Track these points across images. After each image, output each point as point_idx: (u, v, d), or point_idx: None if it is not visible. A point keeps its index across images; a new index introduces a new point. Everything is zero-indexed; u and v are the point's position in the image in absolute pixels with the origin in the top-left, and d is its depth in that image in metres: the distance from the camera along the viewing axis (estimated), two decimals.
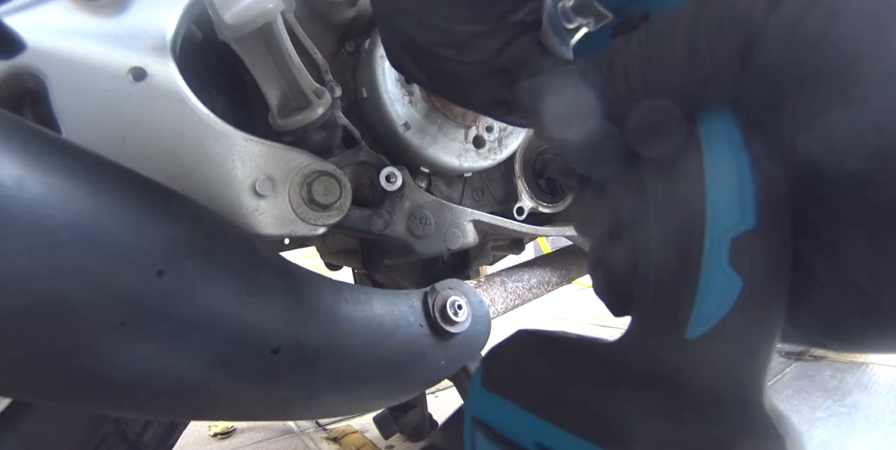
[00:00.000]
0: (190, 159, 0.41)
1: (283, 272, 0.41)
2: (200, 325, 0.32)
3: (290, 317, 0.39)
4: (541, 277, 0.76)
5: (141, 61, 0.40)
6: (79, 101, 0.38)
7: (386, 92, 0.56)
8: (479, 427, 0.30)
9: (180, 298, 0.32)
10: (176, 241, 0.33)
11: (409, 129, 0.57)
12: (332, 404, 0.44)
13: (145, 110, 0.40)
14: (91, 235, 0.28)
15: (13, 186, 0.26)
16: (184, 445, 1.17)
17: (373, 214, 0.53)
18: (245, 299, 0.35)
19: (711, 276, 0.23)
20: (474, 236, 0.60)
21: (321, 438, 1.22)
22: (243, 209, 0.42)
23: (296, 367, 0.38)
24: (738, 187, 0.24)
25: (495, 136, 0.63)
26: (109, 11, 0.40)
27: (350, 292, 0.46)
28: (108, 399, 0.32)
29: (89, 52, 0.39)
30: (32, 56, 0.38)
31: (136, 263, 0.30)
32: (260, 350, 0.36)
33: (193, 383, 0.33)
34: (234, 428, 1.29)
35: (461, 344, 0.53)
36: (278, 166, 0.44)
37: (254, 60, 0.43)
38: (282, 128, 0.46)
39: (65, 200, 0.28)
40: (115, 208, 0.30)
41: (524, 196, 0.70)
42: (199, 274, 0.33)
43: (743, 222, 0.23)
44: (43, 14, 0.39)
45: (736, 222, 0.23)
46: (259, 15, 0.38)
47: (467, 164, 0.62)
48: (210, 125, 0.41)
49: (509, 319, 0.95)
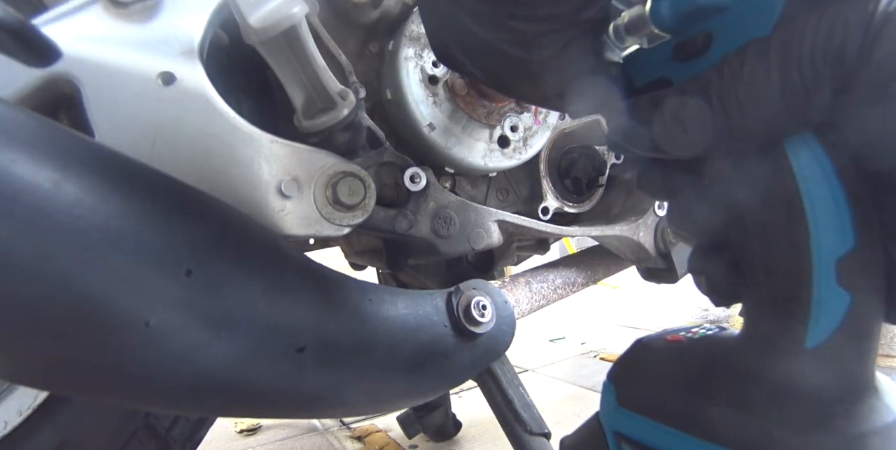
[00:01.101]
0: (217, 161, 0.41)
1: (308, 272, 0.41)
2: (228, 323, 0.33)
3: (316, 316, 0.39)
4: (566, 277, 0.76)
5: (170, 66, 0.41)
6: (111, 105, 0.39)
7: (410, 93, 0.56)
8: (623, 440, 0.33)
9: (208, 297, 0.32)
10: (204, 241, 0.33)
11: (434, 130, 0.57)
12: (357, 403, 0.44)
13: (174, 114, 0.40)
14: (123, 236, 0.29)
15: (51, 189, 0.27)
16: (210, 440, 1.20)
17: (397, 214, 0.53)
18: (272, 299, 0.36)
19: (822, 294, 0.26)
20: (499, 236, 0.60)
21: (345, 436, 1.24)
22: (269, 210, 0.43)
23: (321, 366, 0.39)
24: (836, 213, 0.26)
25: (520, 135, 0.63)
26: (140, 18, 0.41)
27: (375, 292, 0.46)
28: (138, 395, 0.33)
29: (121, 58, 0.40)
30: (68, 63, 0.39)
31: (165, 262, 0.30)
32: (286, 349, 0.36)
33: (220, 381, 0.33)
34: (259, 425, 1.31)
35: (485, 344, 0.53)
36: (303, 167, 0.44)
37: (279, 63, 0.43)
38: (307, 129, 0.47)
39: (98, 202, 0.28)
40: (145, 210, 0.31)
41: (549, 196, 0.70)
42: (227, 274, 0.34)
43: (844, 244, 0.25)
44: (77, 23, 0.40)
45: (839, 245, 0.26)
46: (284, 18, 0.38)
47: (492, 164, 0.61)
48: (237, 127, 0.42)
49: (535, 318, 0.94)
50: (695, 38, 0.29)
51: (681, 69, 0.30)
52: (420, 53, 0.57)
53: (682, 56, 0.30)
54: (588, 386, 1.46)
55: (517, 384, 0.61)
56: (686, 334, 0.36)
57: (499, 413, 0.60)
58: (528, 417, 0.58)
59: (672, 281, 0.77)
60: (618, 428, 0.34)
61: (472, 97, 0.59)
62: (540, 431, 0.58)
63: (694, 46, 0.29)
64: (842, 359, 0.26)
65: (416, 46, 0.57)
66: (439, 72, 0.57)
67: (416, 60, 0.56)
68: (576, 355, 1.81)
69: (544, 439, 0.58)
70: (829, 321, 0.26)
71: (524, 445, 0.57)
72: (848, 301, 0.25)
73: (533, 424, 0.58)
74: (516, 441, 0.58)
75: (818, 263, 0.26)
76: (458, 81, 0.58)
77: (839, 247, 0.25)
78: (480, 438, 1.16)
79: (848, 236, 0.25)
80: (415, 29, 0.57)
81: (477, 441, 1.15)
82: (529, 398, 0.61)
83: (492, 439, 1.14)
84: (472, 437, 1.17)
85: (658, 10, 0.30)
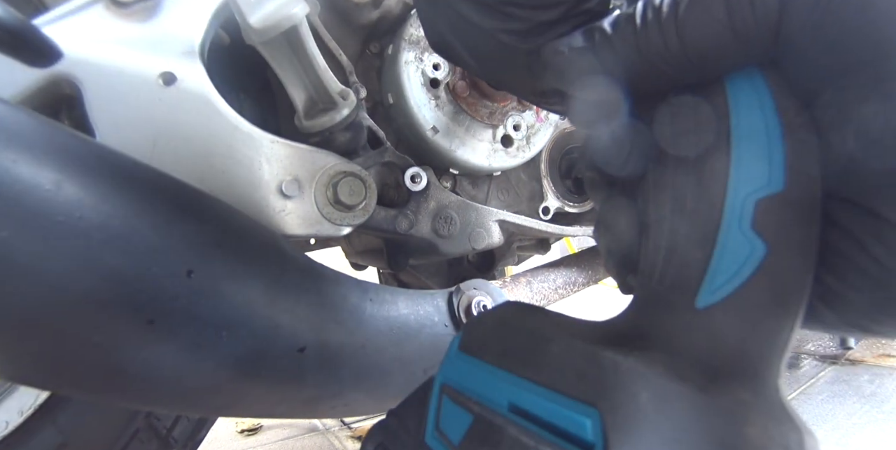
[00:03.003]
0: (218, 161, 0.41)
1: (309, 272, 0.41)
2: (229, 323, 0.33)
3: (317, 316, 0.39)
4: (567, 277, 0.76)
5: (171, 66, 0.41)
6: (112, 106, 0.40)
7: (412, 97, 0.56)
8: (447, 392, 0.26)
9: (209, 297, 0.32)
10: (205, 241, 0.33)
11: (438, 133, 0.57)
12: (357, 403, 0.44)
13: (175, 114, 0.41)
14: (124, 236, 0.29)
15: (52, 189, 0.27)
16: (212, 440, 1.20)
17: (398, 214, 0.53)
18: (272, 299, 0.36)
19: (731, 238, 0.21)
20: (499, 236, 0.60)
21: (346, 436, 1.24)
22: (270, 210, 0.43)
23: (322, 366, 0.39)
24: (766, 148, 0.21)
25: (523, 134, 0.63)
26: (140, 18, 0.41)
27: (375, 292, 0.46)
28: (139, 394, 0.33)
29: (121, 58, 0.40)
30: (69, 64, 0.39)
31: (166, 262, 0.30)
32: (287, 349, 0.36)
33: (221, 381, 0.33)
34: (260, 425, 1.31)
35: None
36: (304, 167, 0.44)
37: (280, 63, 0.43)
38: (308, 129, 0.47)
39: (99, 203, 0.28)
40: (146, 210, 0.31)
41: (550, 196, 0.70)
42: (228, 274, 0.34)
43: (770, 185, 0.21)
44: (78, 23, 0.40)
45: (763, 184, 0.21)
46: (284, 19, 0.38)
47: (497, 163, 0.61)
48: (237, 127, 0.42)
49: None
50: None
51: None
52: (420, 57, 0.57)
53: None
54: None
55: None
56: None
57: None
58: None
59: None
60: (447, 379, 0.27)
61: (473, 98, 0.59)
62: None
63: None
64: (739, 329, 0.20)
65: (416, 50, 0.57)
66: (440, 75, 0.57)
67: (416, 64, 0.56)
68: None
69: None
70: (732, 275, 0.20)
71: None
72: (762, 252, 0.20)
73: None
74: None
75: (733, 198, 0.21)
76: (459, 83, 0.58)
77: (762, 187, 0.21)
78: None
79: (777, 177, 0.21)
80: (414, 32, 0.57)
81: None
82: None
83: None
84: None
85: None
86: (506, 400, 0.22)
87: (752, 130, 0.22)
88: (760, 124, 0.22)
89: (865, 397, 1.22)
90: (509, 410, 0.22)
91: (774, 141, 0.21)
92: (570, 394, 0.20)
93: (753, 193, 0.21)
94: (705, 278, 0.21)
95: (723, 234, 0.21)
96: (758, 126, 0.22)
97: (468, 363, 0.26)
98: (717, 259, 0.21)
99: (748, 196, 0.21)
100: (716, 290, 0.21)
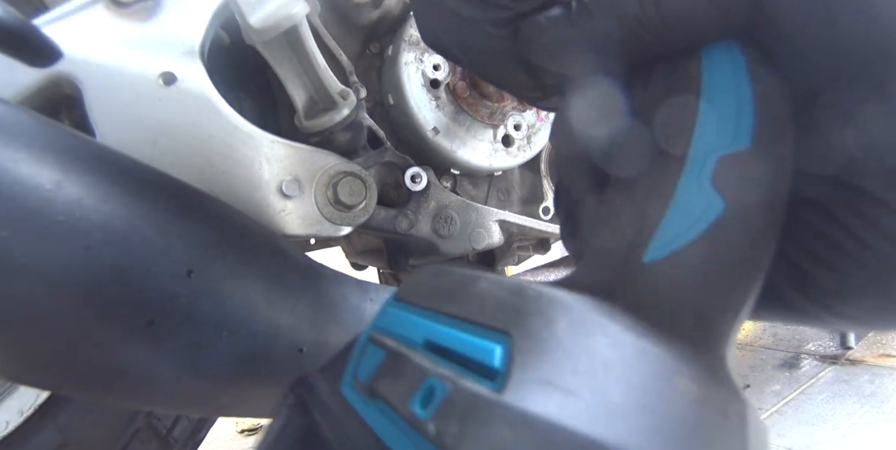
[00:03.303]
0: (218, 161, 0.41)
1: (309, 272, 0.41)
2: (229, 323, 0.33)
3: (317, 316, 0.39)
4: None
5: (171, 66, 0.41)
6: (112, 105, 0.40)
7: (413, 98, 0.56)
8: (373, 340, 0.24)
9: (209, 298, 0.32)
10: (205, 241, 0.33)
11: (438, 133, 0.57)
12: None
13: (175, 114, 0.41)
14: (124, 236, 0.29)
15: (52, 189, 0.27)
16: (211, 440, 1.20)
17: (398, 214, 0.53)
18: (272, 299, 0.36)
19: (687, 193, 0.20)
20: (499, 236, 0.60)
21: None
22: (270, 210, 0.43)
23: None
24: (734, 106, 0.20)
25: (524, 133, 0.63)
26: (141, 18, 0.41)
27: (376, 292, 0.46)
28: (139, 394, 0.33)
29: (121, 58, 0.40)
30: (69, 63, 0.39)
31: (166, 263, 0.30)
32: (287, 349, 0.36)
33: (221, 381, 0.33)
34: (260, 425, 1.31)
35: None
36: (304, 167, 0.44)
37: (280, 63, 0.43)
38: (308, 129, 0.47)
39: (99, 203, 0.28)
40: (146, 210, 0.31)
41: (550, 196, 0.70)
42: (228, 274, 0.34)
43: (736, 142, 0.20)
44: (78, 23, 0.40)
45: (728, 141, 0.20)
46: (285, 18, 0.38)
47: (497, 163, 0.61)
48: (237, 127, 0.42)
49: None
50: None
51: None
52: (420, 58, 0.57)
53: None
54: None
55: None
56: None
57: None
58: None
59: None
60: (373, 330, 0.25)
61: (474, 99, 0.59)
62: None
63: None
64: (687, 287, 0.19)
65: (416, 51, 0.57)
66: (440, 75, 0.57)
67: (416, 65, 0.56)
68: None
69: None
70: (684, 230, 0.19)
71: None
72: (719, 209, 0.19)
73: None
74: None
75: (695, 153, 0.20)
76: (459, 83, 0.58)
77: (726, 143, 0.20)
78: None
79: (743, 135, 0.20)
80: (414, 33, 0.57)
81: None
82: None
83: None
84: None
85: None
86: (422, 337, 0.21)
87: (721, 90, 0.21)
88: (730, 84, 0.21)
89: (865, 397, 1.22)
90: (424, 346, 0.20)
91: (744, 102, 0.20)
92: (487, 324, 0.18)
93: (716, 150, 0.20)
94: (656, 233, 0.20)
95: (680, 189, 0.20)
96: (727, 86, 0.21)
97: (398, 309, 0.24)
98: (670, 213, 0.20)
99: (710, 152, 0.20)
100: (665, 245, 0.20)
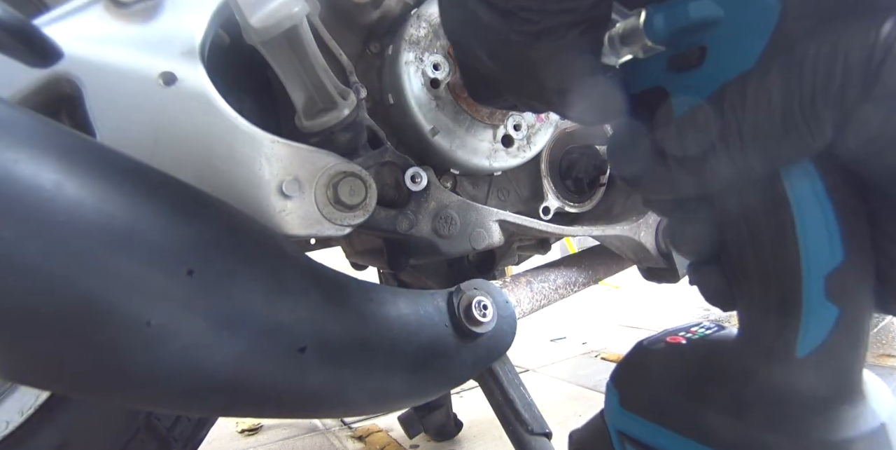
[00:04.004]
0: (218, 161, 0.41)
1: (309, 272, 0.41)
2: (229, 324, 0.33)
3: (317, 316, 0.39)
4: (567, 277, 0.76)
5: (171, 66, 0.41)
6: (112, 105, 0.40)
7: (413, 98, 0.56)
8: (626, 439, 0.35)
9: (209, 298, 0.32)
10: (205, 241, 0.33)
11: (438, 133, 0.57)
12: (358, 403, 0.44)
13: (175, 114, 0.41)
14: (124, 237, 0.29)
15: (52, 189, 0.27)
16: (212, 440, 1.20)
17: (398, 214, 0.53)
18: (273, 299, 0.36)
19: (812, 308, 0.27)
20: (500, 236, 0.60)
21: (346, 436, 1.24)
22: (270, 210, 0.43)
23: (322, 366, 0.39)
24: (826, 231, 0.26)
25: (524, 133, 0.63)
26: (141, 18, 0.41)
27: (376, 292, 0.46)
28: (139, 395, 0.33)
29: (122, 58, 0.40)
30: (69, 63, 0.39)
31: (166, 262, 0.30)
32: (287, 349, 0.36)
33: (222, 381, 0.33)
34: (260, 425, 1.31)
35: (486, 344, 0.53)
36: (304, 167, 0.44)
37: (280, 63, 0.43)
38: (308, 129, 0.47)
39: (99, 203, 0.28)
40: (147, 210, 0.31)
41: (550, 196, 0.70)
42: (228, 274, 0.34)
43: (834, 260, 0.26)
44: (78, 23, 0.40)
45: (828, 261, 0.27)
46: (285, 18, 0.38)
47: (497, 163, 0.61)
48: (237, 127, 0.42)
49: (536, 318, 0.94)
50: (689, 51, 0.29)
51: (675, 80, 0.30)
52: (420, 57, 0.57)
53: (676, 68, 0.30)
54: (589, 386, 1.46)
55: (518, 384, 0.61)
56: (685, 334, 0.38)
57: (500, 413, 0.60)
58: (529, 417, 0.58)
59: (673, 281, 0.77)
60: (621, 428, 0.35)
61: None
62: (541, 430, 0.58)
63: (688, 59, 0.29)
64: (830, 367, 0.28)
65: (416, 50, 0.57)
66: (441, 75, 0.57)
67: (416, 64, 0.56)
68: (577, 355, 1.81)
69: (545, 439, 0.58)
70: (818, 333, 0.27)
71: (525, 445, 0.57)
72: (836, 314, 0.27)
73: (534, 423, 0.58)
74: (517, 441, 0.58)
75: (808, 279, 0.27)
76: (459, 83, 0.58)
77: (828, 263, 0.26)
78: (481, 438, 1.16)
79: (837, 252, 0.26)
80: (413, 33, 0.57)
81: (478, 441, 1.15)
82: (530, 398, 0.61)
83: (493, 438, 1.14)
84: (473, 437, 1.17)
85: (652, 23, 0.30)
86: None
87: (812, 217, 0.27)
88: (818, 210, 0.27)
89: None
90: None
91: (831, 222, 0.26)
92: None
93: (823, 269, 0.27)
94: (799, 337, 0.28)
95: (806, 305, 0.27)
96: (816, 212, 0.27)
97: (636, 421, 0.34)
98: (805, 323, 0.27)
99: (818, 273, 0.27)
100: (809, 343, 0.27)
